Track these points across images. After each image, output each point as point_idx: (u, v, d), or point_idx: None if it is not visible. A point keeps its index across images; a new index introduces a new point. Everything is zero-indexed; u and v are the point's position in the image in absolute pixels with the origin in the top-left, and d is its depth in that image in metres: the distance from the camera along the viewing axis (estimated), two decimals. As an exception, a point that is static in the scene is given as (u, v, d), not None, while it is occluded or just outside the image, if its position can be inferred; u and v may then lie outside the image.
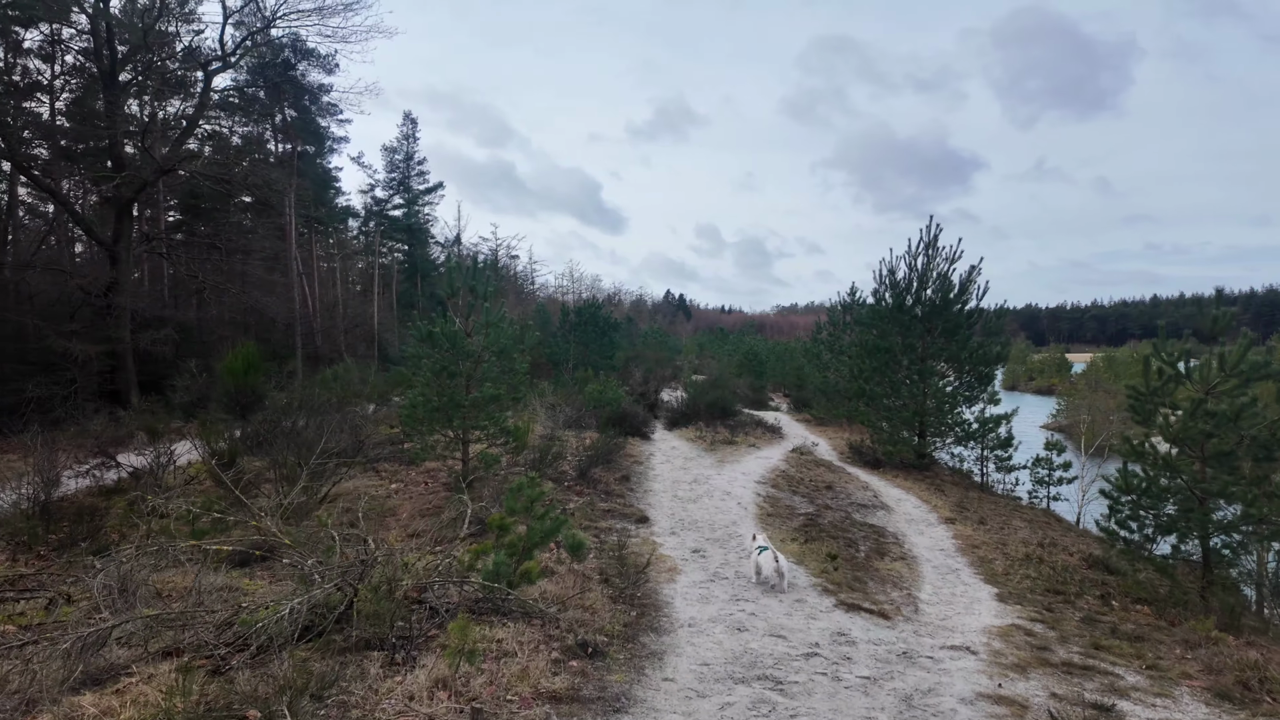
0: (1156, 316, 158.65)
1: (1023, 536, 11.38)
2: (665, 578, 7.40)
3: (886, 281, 16.55)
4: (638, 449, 14.67)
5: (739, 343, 54.47)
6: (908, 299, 16.27)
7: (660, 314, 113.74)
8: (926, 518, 12.00)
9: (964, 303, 15.81)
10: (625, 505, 10.50)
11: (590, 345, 27.81)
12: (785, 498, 11.76)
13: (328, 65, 36.71)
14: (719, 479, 12.51)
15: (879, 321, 16.51)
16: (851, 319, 24.36)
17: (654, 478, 12.39)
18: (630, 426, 15.89)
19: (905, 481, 14.66)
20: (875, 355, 16.13)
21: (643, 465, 13.25)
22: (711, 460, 14.18)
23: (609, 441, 12.58)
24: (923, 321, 15.95)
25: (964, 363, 15.48)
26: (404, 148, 52.42)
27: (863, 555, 9.33)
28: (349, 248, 53.67)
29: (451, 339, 10.05)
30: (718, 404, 18.84)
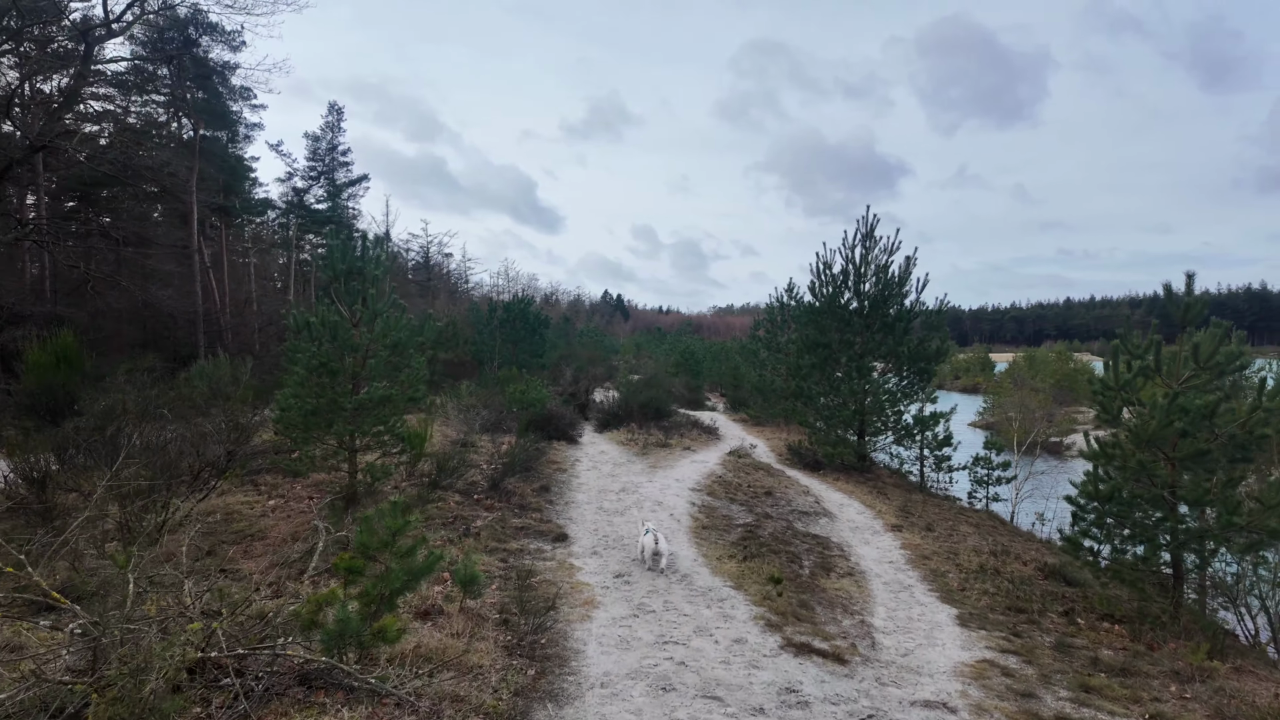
0: (1070, 318, 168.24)
1: (973, 544, 10.64)
2: (580, 614, 6.13)
3: (823, 275, 15.75)
4: (563, 454, 13.34)
5: (676, 342, 53.74)
6: (845, 293, 15.51)
7: (598, 314, 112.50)
8: (871, 525, 11.14)
9: (903, 296, 15.17)
10: (542, 520, 9.17)
11: (520, 344, 26.25)
12: (722, 506, 10.66)
13: (233, 42, 33.80)
14: (650, 487, 11.32)
15: (816, 317, 15.69)
16: (789, 316, 23.68)
17: (578, 487, 11.09)
18: (556, 430, 14.54)
19: (847, 485, 13.85)
20: (813, 351, 15.29)
21: (567, 473, 11.93)
22: (643, 466, 12.99)
23: (528, 447, 11.21)
24: (861, 316, 15.22)
25: (904, 359, 14.80)
26: (328, 136, 49.33)
27: (807, 573, 8.30)
28: (265, 241, 50.20)
29: (332, 330, 8.49)
30: (652, 404, 17.68)
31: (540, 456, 11.74)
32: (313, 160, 48.31)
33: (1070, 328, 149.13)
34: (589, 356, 27.25)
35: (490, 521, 8.86)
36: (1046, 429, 39.15)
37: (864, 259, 15.17)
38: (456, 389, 16.34)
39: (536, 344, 26.63)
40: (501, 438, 13.66)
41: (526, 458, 11.20)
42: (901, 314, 14.99)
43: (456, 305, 52.10)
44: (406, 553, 4.40)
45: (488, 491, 9.96)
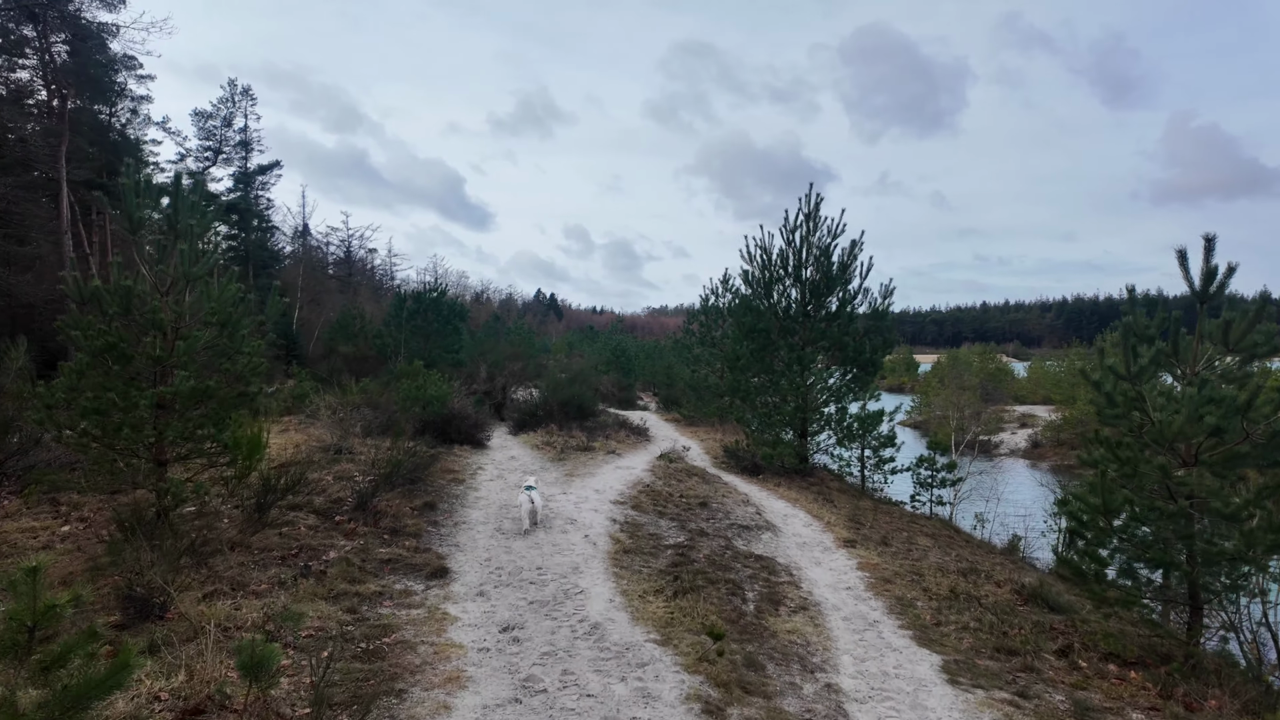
0: (986, 321, 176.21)
1: (936, 561, 9.26)
2: (435, 701, 4.21)
3: (759, 259, 14.26)
4: (463, 462, 11.29)
5: (608, 340, 51.97)
6: (785, 279, 14.07)
7: (531, 313, 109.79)
8: (821, 540, 9.62)
9: (846, 283, 13.84)
10: (418, 549, 7.16)
11: (432, 338, 23.83)
12: (649, 523, 8.90)
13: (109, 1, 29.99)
14: (565, 500, 9.44)
15: (754, 304, 14.18)
16: (724, 309, 22.23)
17: (474, 502, 9.10)
18: (458, 432, 12.46)
19: (789, 491, 12.36)
20: (752, 338, 13.75)
21: (464, 484, 9.91)
22: (559, 473, 11.08)
23: (411, 455, 9.14)
24: (802, 305, 13.82)
25: (848, 351, 13.45)
26: (222, 113, 45.03)
27: (752, 609, 6.63)
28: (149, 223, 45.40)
29: (124, 298, 6.24)
30: (575, 402, 15.79)
31: (430, 465, 9.68)
32: (206, 140, 44.01)
33: (986, 330, 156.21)
34: (510, 352, 25.06)
35: (348, 552, 6.80)
36: (976, 428, 39.41)
37: (805, 242, 13.75)
38: (347, 386, 14.03)
39: (451, 339, 24.28)
40: (396, 442, 11.48)
41: (413, 467, 9.13)
42: (845, 301, 13.65)
43: (380, 302, 48.68)
44: (55, 660, 2.39)
45: (353, 511, 7.86)
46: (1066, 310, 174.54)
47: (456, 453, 11.73)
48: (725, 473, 13.34)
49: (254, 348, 6.92)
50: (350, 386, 13.84)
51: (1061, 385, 47.79)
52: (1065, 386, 46.63)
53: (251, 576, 6.06)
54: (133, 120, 41.56)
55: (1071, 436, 38.43)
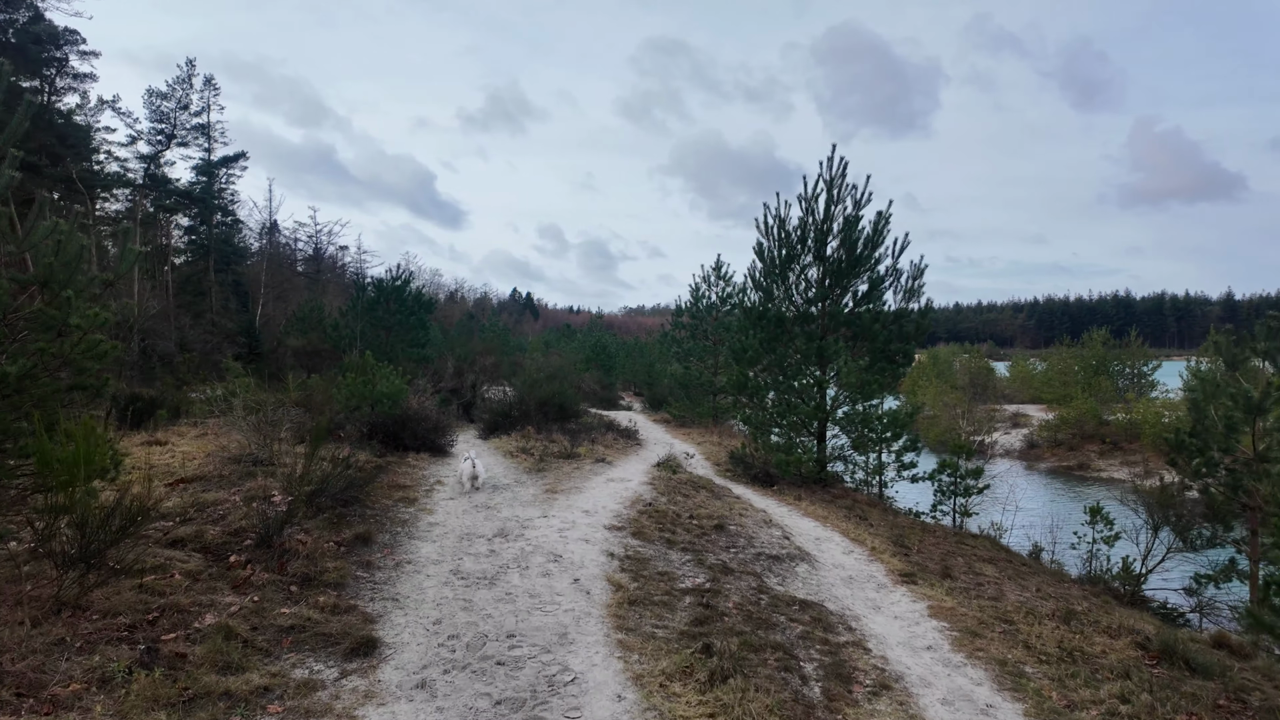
0: (960, 322, 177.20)
1: (1017, 600, 7.35)
2: None
3: (775, 233, 12.28)
4: (419, 474, 9.11)
5: (587, 338, 49.88)
6: (803, 255, 12.11)
7: (506, 313, 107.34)
8: (869, 572, 7.66)
9: (875, 262, 11.93)
10: (339, 607, 5.01)
11: (394, 330, 21.51)
12: (657, 556, 6.83)
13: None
14: (546, 526, 7.33)
15: (768, 283, 12.19)
16: (718, 296, 20.25)
17: (427, 532, 6.94)
18: (414, 437, 10.27)
19: (813, 506, 10.40)
20: (762, 326, 11.76)
21: (415, 506, 7.74)
22: (538, 489, 8.95)
23: (343, 468, 6.97)
24: (823, 286, 11.87)
25: (879, 341, 11.52)
26: (177, 94, 41.91)
27: (819, 693, 4.62)
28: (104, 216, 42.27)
29: None
30: (555, 401, 13.68)
31: (370, 481, 7.51)
32: (159, 122, 40.92)
33: (960, 330, 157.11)
34: (483, 347, 22.80)
35: (233, 616, 4.64)
36: (968, 428, 37.89)
37: (829, 211, 11.80)
38: (286, 383, 11.75)
39: (416, 332, 21.96)
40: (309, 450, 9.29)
41: (343, 485, 6.96)
42: (875, 283, 11.72)
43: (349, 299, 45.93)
44: None
45: (254, 549, 5.68)
46: (1038, 311, 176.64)
47: (411, 463, 9.55)
48: (734, 484, 11.33)
49: (90, 317, 4.71)
50: (288, 383, 11.56)
51: (1053, 384, 46.75)
52: (1057, 386, 45.59)
53: (59, 669, 3.88)
54: (84, 106, 38.56)
55: (1070, 436, 37.22)
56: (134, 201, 39.62)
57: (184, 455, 8.92)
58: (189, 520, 6.56)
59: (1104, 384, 42.59)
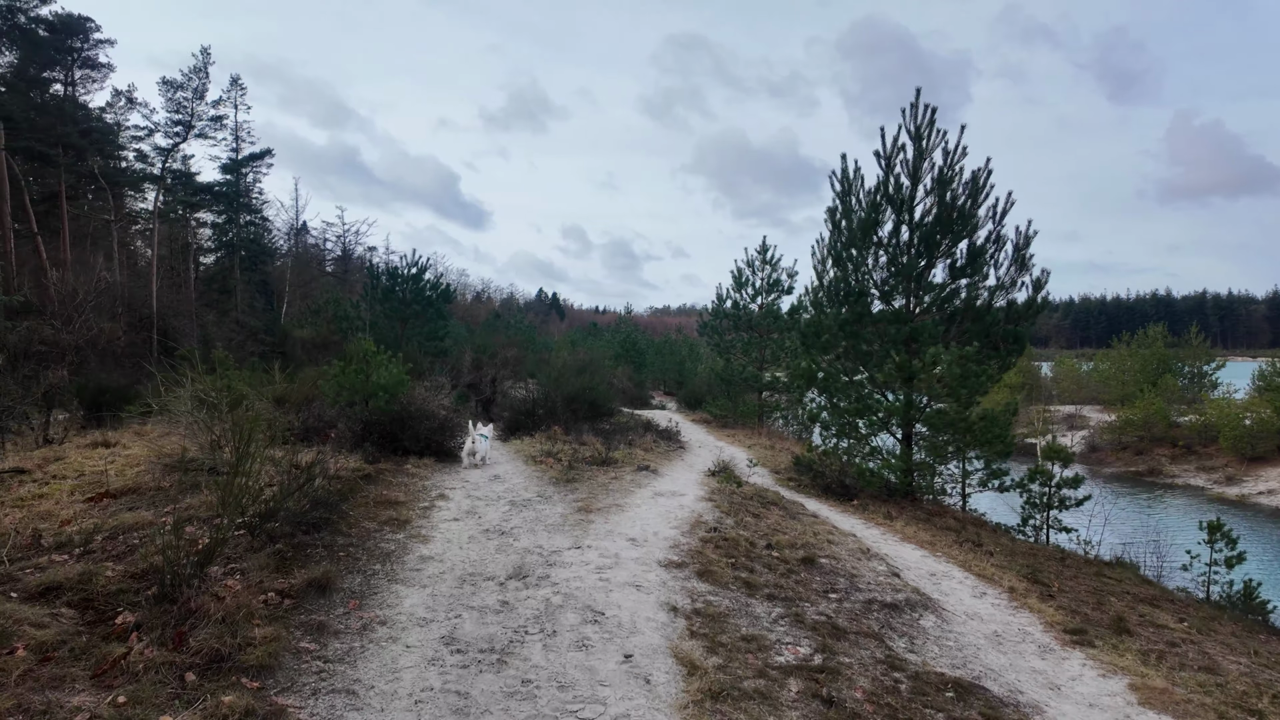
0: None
1: (1237, 670, 5.22)
2: None
3: (858, 196, 10.20)
4: (418, 485, 7.21)
5: (615, 334, 48.09)
6: (885, 217, 10.03)
7: (532, 312, 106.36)
8: (1019, 625, 5.59)
9: (973, 227, 9.81)
10: (254, 711, 3.10)
11: (410, 322, 19.81)
12: (737, 610, 4.82)
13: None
14: (579, 563, 5.35)
15: (844, 253, 10.12)
16: (763, 281, 18.15)
17: (415, 572, 4.99)
18: (416, 439, 8.38)
19: (909, 528, 8.32)
20: (843, 304, 9.70)
21: (408, 530, 5.82)
22: (568, 506, 6.97)
23: (304, 480, 5.10)
24: (914, 252, 9.78)
25: (986, 321, 9.39)
26: (193, 84, 40.93)
27: None
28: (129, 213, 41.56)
29: None
30: (586, 397, 11.77)
31: (345, 499, 5.64)
32: (175, 113, 39.98)
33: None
34: (503, 341, 21.00)
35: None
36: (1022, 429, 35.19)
37: (918, 165, 9.71)
38: (270, 374, 9.98)
39: (434, 324, 20.22)
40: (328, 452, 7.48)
41: (308, 505, 5.09)
42: (977, 253, 9.59)
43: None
44: None
45: (154, 604, 3.81)
46: (1074, 310, 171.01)
47: (410, 470, 7.66)
48: (805, 497, 9.29)
49: None
50: (274, 375, 9.77)
51: (1111, 384, 43.73)
52: (1115, 386, 42.59)
53: None
54: (114, 105, 37.90)
55: (1136, 439, 34.36)
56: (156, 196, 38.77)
57: (128, 460, 7.16)
58: (89, 553, 4.75)
59: (1171, 383, 39.55)
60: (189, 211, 42.02)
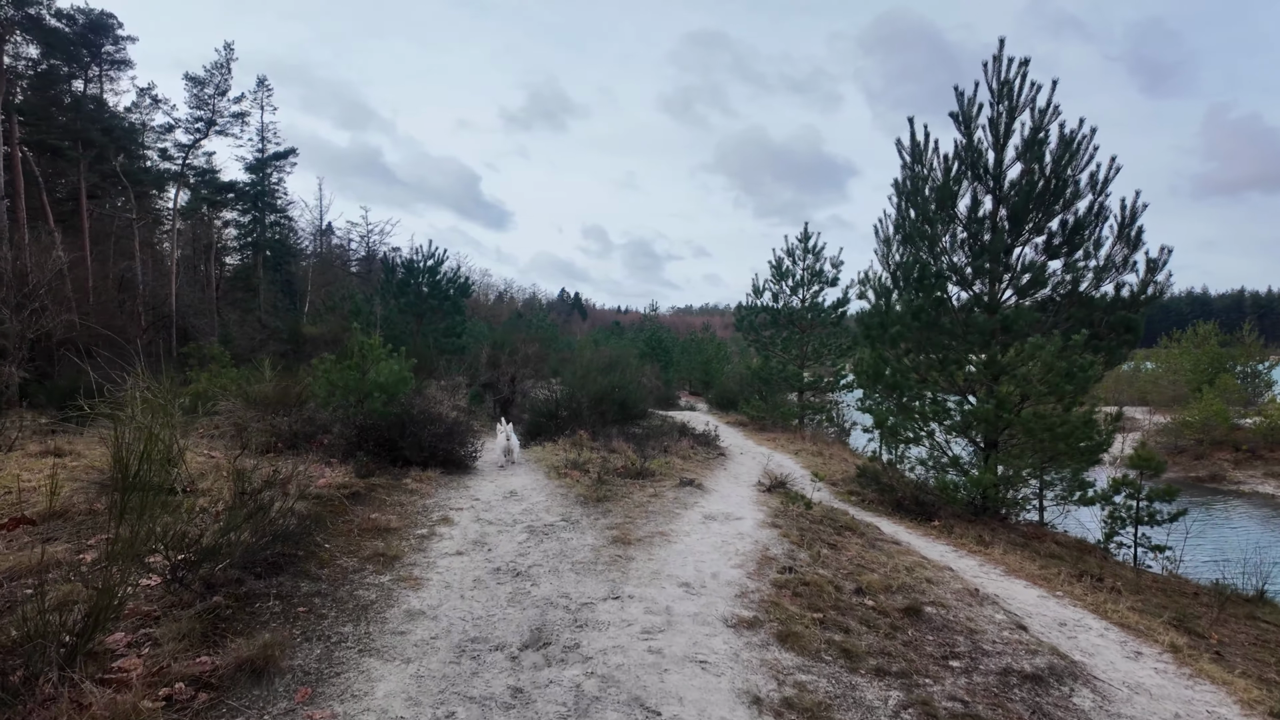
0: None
1: None
2: None
3: (929, 165, 8.76)
4: (415, 505, 5.94)
5: (639, 333, 46.85)
6: (964, 189, 8.58)
7: (555, 312, 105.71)
8: (1202, 703, 4.16)
9: (1071, 194, 8.31)
10: None
11: (426, 318, 18.68)
12: (838, 694, 3.45)
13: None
14: (619, 624, 4.00)
15: (916, 229, 8.68)
16: (806, 272, 16.68)
17: (400, 635, 3.68)
18: (418, 448, 7.11)
19: (1007, 555, 6.87)
20: (921, 287, 8.27)
21: (395, 570, 4.52)
22: (599, 534, 5.61)
23: (259, 516, 3.84)
24: (1001, 227, 8.31)
25: (1094, 306, 7.89)
26: (215, 79, 40.40)
27: None
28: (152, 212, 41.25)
29: None
30: (614, 398, 10.46)
31: (321, 527, 4.39)
32: (197, 109, 39.48)
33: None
34: (523, 336, 19.78)
35: None
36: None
37: (1004, 129, 8.26)
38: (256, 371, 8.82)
39: (451, 320, 19.07)
40: (317, 463, 6.27)
41: (264, 542, 3.84)
42: (1080, 226, 8.10)
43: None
44: None
45: (7, 701, 2.55)
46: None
47: (410, 485, 6.39)
48: (875, 515, 7.87)
49: None
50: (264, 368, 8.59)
51: (1161, 384, 41.41)
52: (1166, 386, 40.27)
53: None
54: (139, 105, 37.60)
55: (1194, 443, 32.20)
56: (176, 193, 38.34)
57: (72, 473, 5.99)
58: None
59: (1229, 383, 37.25)
60: (213, 210, 41.77)
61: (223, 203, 41.78)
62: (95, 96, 33.85)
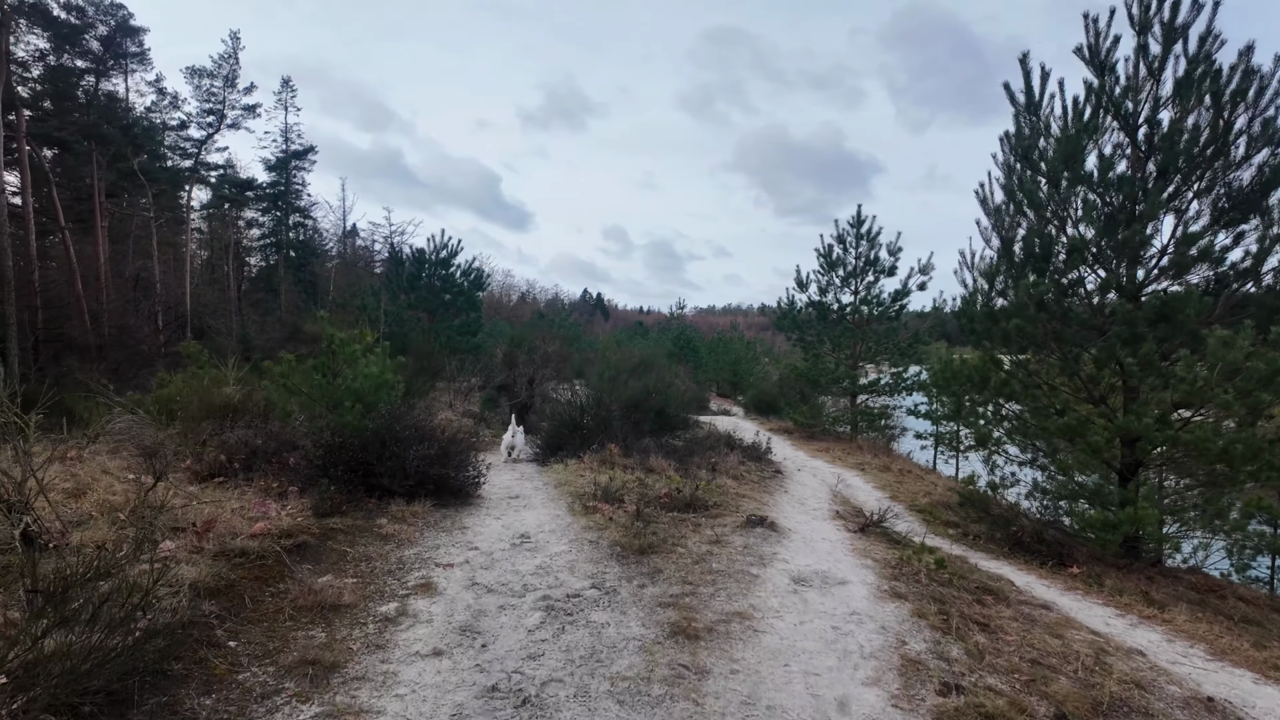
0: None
1: None
2: None
3: (1049, 111, 6.92)
4: (396, 555, 4.28)
5: (665, 333, 45.12)
6: (1094, 126, 6.72)
7: (578, 312, 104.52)
8: None
9: (1247, 145, 6.42)
10: None
11: (438, 314, 17.15)
12: None
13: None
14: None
15: (1046, 194, 6.85)
16: (860, 259, 14.80)
17: None
18: (402, 472, 5.44)
19: (1196, 624, 5.03)
20: (1062, 265, 6.44)
21: (321, 698, 2.86)
22: (646, 618, 3.81)
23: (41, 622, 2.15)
24: (1151, 185, 6.45)
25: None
26: (223, 71, 39.41)
27: None
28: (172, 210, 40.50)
29: None
30: (650, 405, 8.75)
31: (197, 630, 2.70)
32: (205, 102, 38.52)
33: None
34: (543, 334, 18.16)
35: None
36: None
37: (1159, 60, 6.41)
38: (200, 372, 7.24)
39: (465, 317, 17.50)
40: (264, 498, 4.66)
41: (86, 665, 2.17)
42: (1256, 190, 6.22)
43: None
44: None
45: None
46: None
47: (385, 528, 4.73)
48: (984, 554, 6.06)
49: None
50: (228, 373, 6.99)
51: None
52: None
53: None
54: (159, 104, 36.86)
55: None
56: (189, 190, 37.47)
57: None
58: None
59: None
60: (234, 209, 41.08)
61: (243, 201, 41.04)
62: (112, 94, 33.00)
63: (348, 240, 53.43)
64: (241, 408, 6.81)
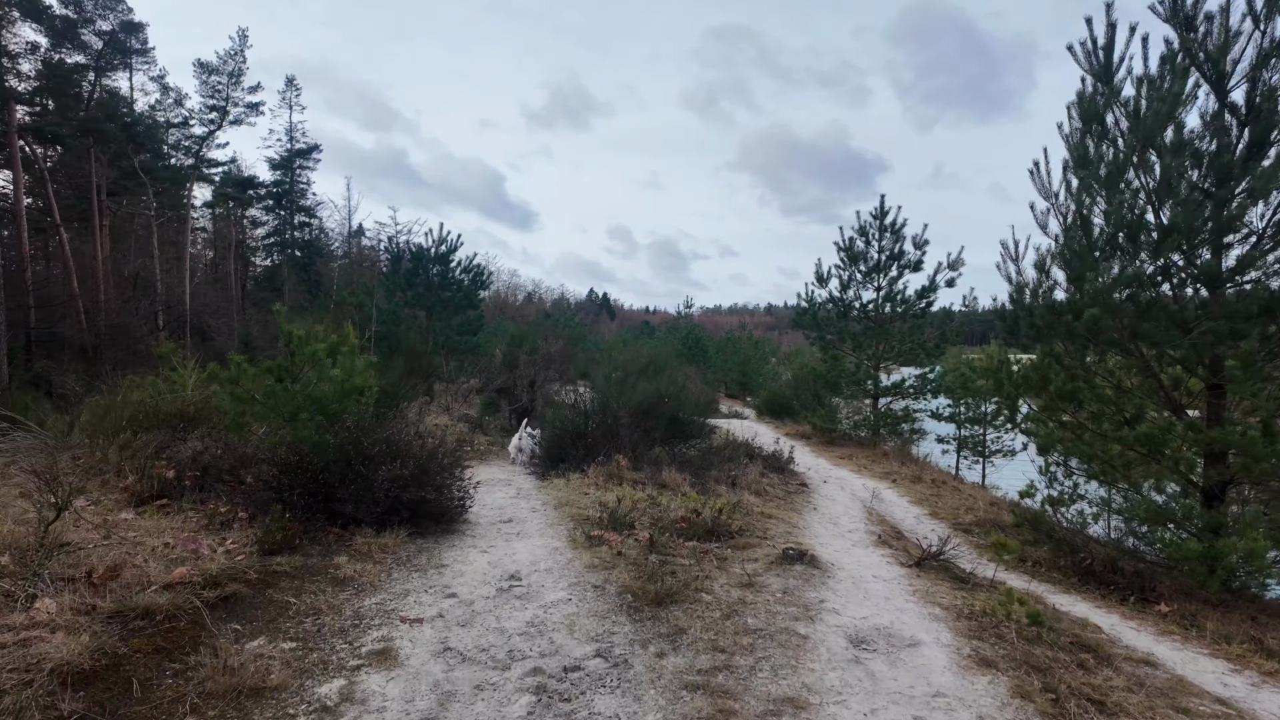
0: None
1: None
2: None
3: (1128, 65, 6.02)
4: (352, 606, 3.43)
5: (673, 333, 44.23)
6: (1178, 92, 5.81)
7: (583, 312, 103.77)
8: None
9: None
10: None
11: (435, 312, 16.33)
12: None
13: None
14: None
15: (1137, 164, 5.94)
16: (882, 252, 13.88)
17: None
18: (370, 498, 4.59)
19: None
20: (1149, 251, 5.53)
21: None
22: (667, 703, 3.03)
23: None
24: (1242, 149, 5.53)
25: None
26: (229, 67, 38.71)
27: None
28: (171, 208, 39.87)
29: None
30: (662, 411, 7.88)
31: None
32: (210, 98, 37.83)
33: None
34: (546, 334, 17.32)
35: None
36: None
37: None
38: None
39: (465, 316, 16.67)
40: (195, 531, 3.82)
41: None
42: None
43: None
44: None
45: None
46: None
47: (344, 570, 3.88)
48: (1066, 593, 5.16)
49: None
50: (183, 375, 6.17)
51: None
52: None
53: None
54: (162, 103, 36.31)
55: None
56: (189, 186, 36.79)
57: None
58: None
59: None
60: (238, 208, 40.58)
61: (247, 200, 40.51)
62: (114, 91, 32.38)
63: (354, 240, 53.06)
64: (198, 417, 5.98)
